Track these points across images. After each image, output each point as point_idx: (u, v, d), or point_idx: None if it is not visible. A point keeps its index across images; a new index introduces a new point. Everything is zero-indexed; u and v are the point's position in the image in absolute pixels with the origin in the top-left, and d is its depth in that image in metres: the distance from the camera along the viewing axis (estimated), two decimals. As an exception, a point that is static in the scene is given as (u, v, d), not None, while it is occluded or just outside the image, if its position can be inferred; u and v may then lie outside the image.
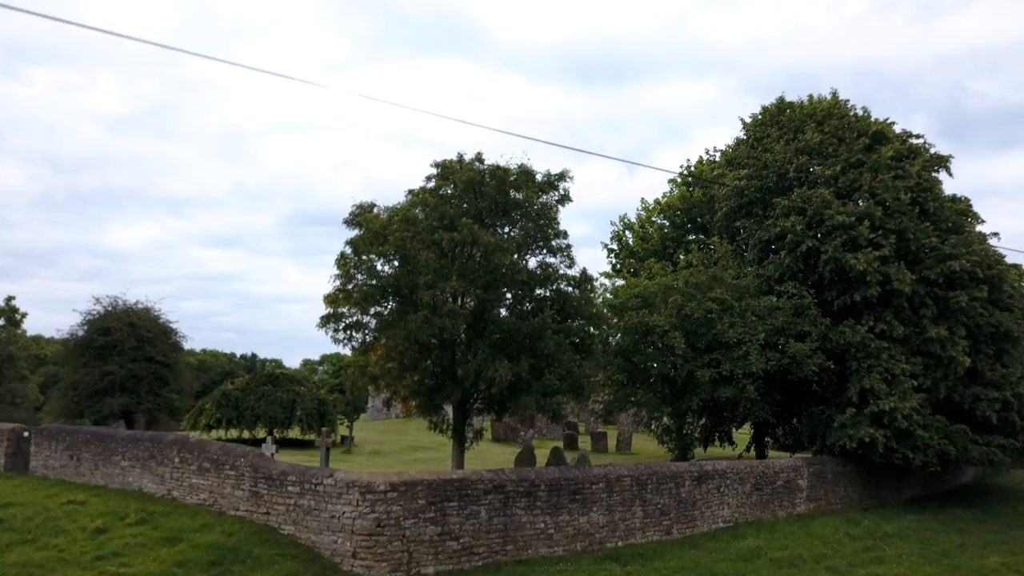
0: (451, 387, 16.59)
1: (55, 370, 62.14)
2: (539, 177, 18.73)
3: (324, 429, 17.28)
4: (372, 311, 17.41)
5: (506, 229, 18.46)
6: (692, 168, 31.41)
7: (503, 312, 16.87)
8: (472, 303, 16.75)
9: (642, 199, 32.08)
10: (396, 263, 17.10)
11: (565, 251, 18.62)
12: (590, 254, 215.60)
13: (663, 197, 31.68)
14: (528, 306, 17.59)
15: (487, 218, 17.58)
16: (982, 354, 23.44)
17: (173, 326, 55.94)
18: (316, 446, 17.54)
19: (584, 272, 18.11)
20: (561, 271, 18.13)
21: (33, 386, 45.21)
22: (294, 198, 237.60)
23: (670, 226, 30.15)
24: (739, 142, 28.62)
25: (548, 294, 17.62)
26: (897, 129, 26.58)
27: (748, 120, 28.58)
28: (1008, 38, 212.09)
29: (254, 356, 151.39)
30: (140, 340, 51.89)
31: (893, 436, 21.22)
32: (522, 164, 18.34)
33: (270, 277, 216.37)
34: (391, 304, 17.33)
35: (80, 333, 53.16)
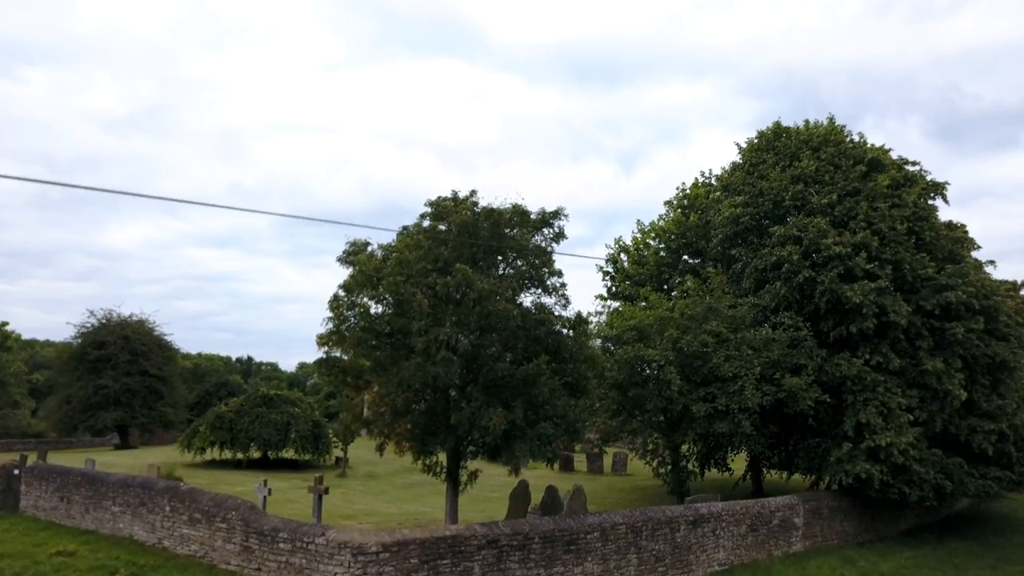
0: (444, 434, 16.46)
1: (50, 375, 61.93)
2: (533, 215, 18.62)
3: (316, 476, 17.09)
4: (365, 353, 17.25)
5: (501, 268, 18.36)
6: (687, 191, 31.30)
7: (497, 356, 16.67)
8: (467, 344, 16.58)
9: (638, 221, 32.00)
10: (390, 307, 16.94)
11: (560, 290, 18.48)
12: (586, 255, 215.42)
13: (659, 219, 31.59)
14: (521, 346, 17.40)
15: (481, 260, 17.45)
16: (978, 384, 23.40)
17: (167, 338, 56.12)
18: (311, 487, 17.35)
19: (579, 315, 18.00)
20: (556, 312, 17.99)
21: (26, 411, 44.96)
22: (291, 198, 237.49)
23: (666, 251, 30.03)
24: (735, 167, 28.52)
25: (543, 334, 17.42)
26: (894, 155, 26.55)
27: (744, 145, 28.51)
28: (1003, 40, 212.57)
29: (250, 359, 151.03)
30: (134, 353, 52.07)
31: (889, 471, 21.14)
32: (516, 204, 18.21)
33: (266, 277, 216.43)
34: (385, 346, 17.16)
35: (76, 343, 53.02)
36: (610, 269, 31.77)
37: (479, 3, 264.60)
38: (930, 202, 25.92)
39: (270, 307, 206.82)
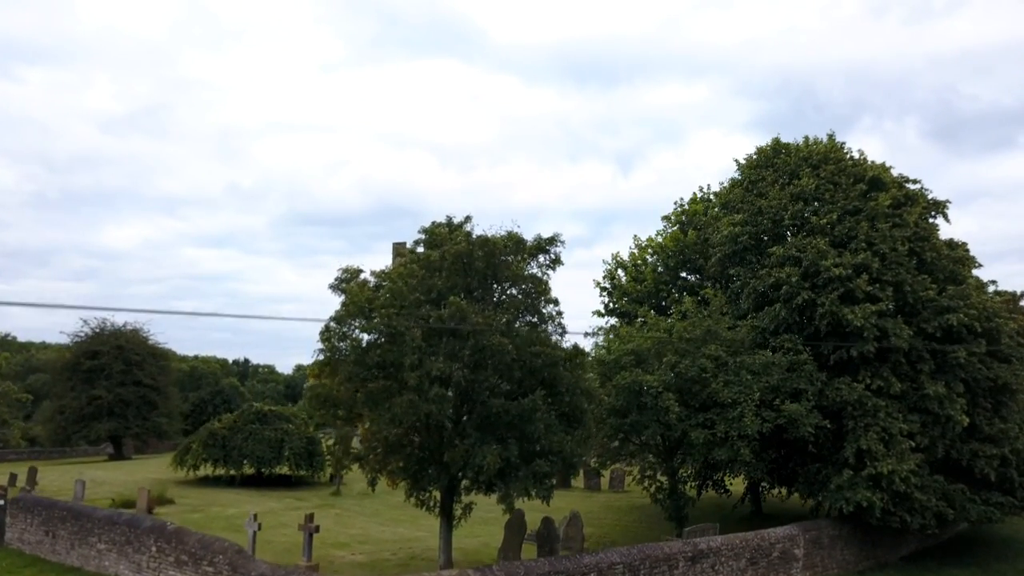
0: (437, 471, 16.10)
1: (45, 378, 61.53)
2: (529, 242, 18.29)
3: (306, 515, 16.73)
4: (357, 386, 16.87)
5: (496, 294, 18.02)
6: (686, 206, 30.97)
7: (491, 390, 16.30)
8: (461, 379, 16.18)
9: (635, 236, 31.64)
10: (382, 337, 16.56)
11: (556, 318, 18.14)
12: (584, 255, 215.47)
13: (656, 234, 31.27)
14: (517, 377, 17.00)
15: (476, 290, 17.10)
16: (980, 408, 23.10)
17: (162, 344, 55.69)
18: (301, 524, 16.95)
19: (576, 346, 17.65)
20: (553, 339, 17.61)
21: (16, 431, 44.64)
22: (288, 198, 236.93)
23: (664, 268, 29.69)
24: (734, 183, 28.18)
25: (538, 366, 17.01)
26: (895, 172, 26.22)
27: (743, 161, 28.16)
28: (999, 41, 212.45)
29: (247, 362, 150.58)
30: (128, 363, 51.66)
31: (890, 499, 20.82)
32: (511, 231, 17.88)
33: (264, 277, 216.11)
34: (377, 378, 16.79)
35: (73, 344, 52.43)
36: (607, 285, 31.42)
37: (477, 4, 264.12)
38: (931, 220, 25.61)
39: (267, 307, 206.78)
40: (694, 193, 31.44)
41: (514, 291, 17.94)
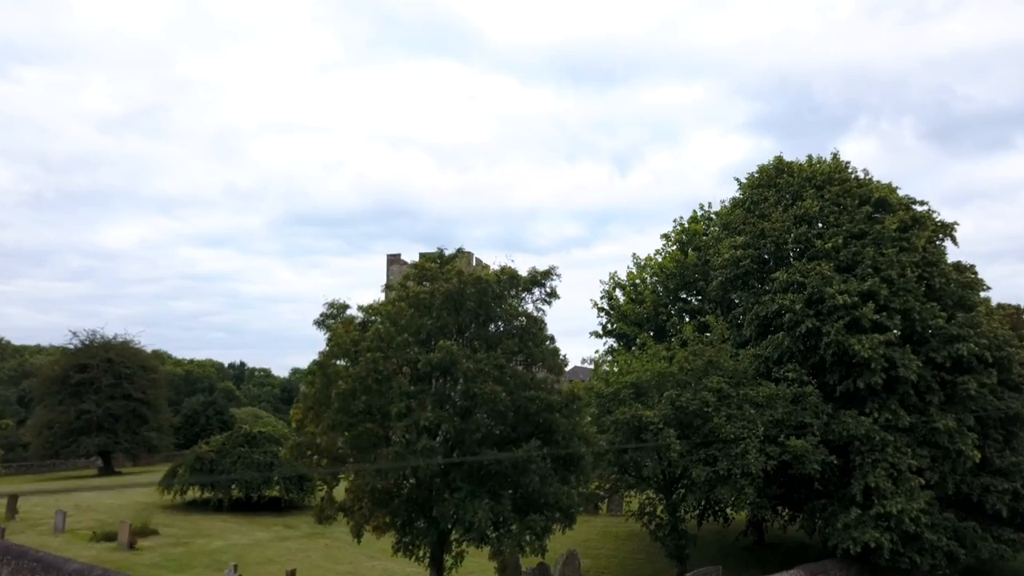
0: (426, 525, 15.27)
1: (38, 383, 60.47)
2: (524, 275, 17.50)
3: (287, 572, 15.87)
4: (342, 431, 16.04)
5: (491, 328, 17.25)
6: (685, 225, 30.15)
7: (482, 440, 15.48)
8: (451, 428, 15.36)
9: (634, 254, 30.78)
10: (371, 381, 15.72)
11: (552, 357, 17.36)
12: (581, 255, 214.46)
13: (655, 253, 30.43)
14: (510, 423, 16.18)
15: (468, 331, 16.28)
16: (991, 439, 22.38)
17: (156, 350, 54.56)
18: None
19: (571, 392, 16.81)
20: (548, 383, 16.79)
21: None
22: (285, 198, 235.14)
23: (663, 290, 28.83)
24: (735, 203, 27.36)
25: (533, 411, 16.20)
26: (901, 193, 25.43)
27: (744, 180, 27.34)
28: (995, 42, 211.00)
29: (243, 365, 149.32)
30: (118, 377, 50.63)
31: (900, 539, 20.04)
32: (504, 267, 17.09)
33: (261, 277, 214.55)
34: (363, 423, 15.96)
35: (69, 348, 51.33)
36: (605, 305, 30.58)
37: (474, 4, 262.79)
38: (938, 243, 24.78)
39: (264, 307, 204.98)
40: (694, 211, 30.64)
41: (508, 340, 17.11)
